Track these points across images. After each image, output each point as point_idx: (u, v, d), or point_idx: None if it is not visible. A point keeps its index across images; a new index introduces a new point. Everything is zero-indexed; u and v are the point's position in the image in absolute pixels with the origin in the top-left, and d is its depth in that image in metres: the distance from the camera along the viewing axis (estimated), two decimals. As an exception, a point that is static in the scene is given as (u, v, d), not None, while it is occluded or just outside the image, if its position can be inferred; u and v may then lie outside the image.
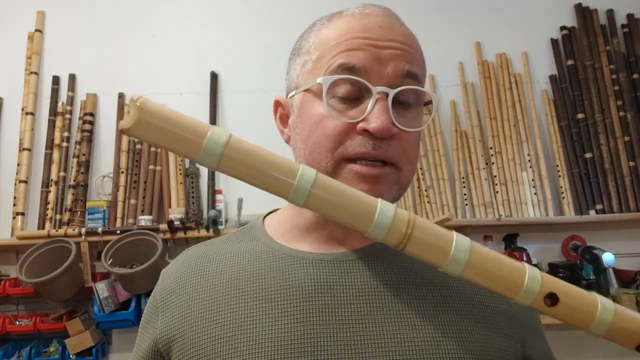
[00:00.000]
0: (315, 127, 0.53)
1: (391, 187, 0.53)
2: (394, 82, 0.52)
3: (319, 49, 0.55)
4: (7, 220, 1.95)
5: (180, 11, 2.18)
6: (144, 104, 0.40)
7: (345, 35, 0.53)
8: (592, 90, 2.14)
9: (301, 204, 0.41)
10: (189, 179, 2.02)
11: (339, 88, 0.52)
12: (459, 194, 2.06)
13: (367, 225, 0.41)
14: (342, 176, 0.52)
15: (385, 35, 0.53)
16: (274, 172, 0.41)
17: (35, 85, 2.07)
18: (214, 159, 0.40)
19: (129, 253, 1.82)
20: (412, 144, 0.54)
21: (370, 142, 0.51)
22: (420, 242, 0.41)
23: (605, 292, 1.82)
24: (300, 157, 0.56)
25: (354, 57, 0.52)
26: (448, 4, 2.23)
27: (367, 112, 0.51)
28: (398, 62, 0.52)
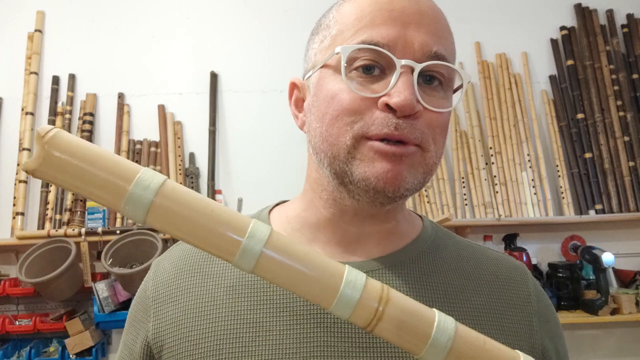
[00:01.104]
0: (331, 101, 0.48)
1: (415, 169, 0.48)
2: (420, 59, 0.47)
3: (339, 22, 0.50)
4: (7, 220, 1.95)
5: (180, 11, 2.18)
6: (53, 139, 0.31)
7: (368, 7, 0.48)
8: (592, 90, 2.14)
9: (249, 270, 0.33)
10: (189, 179, 2.02)
11: (360, 61, 0.47)
12: (459, 194, 2.06)
13: (330, 299, 0.33)
14: (361, 152, 0.47)
15: (412, 8, 0.48)
16: (219, 228, 0.32)
17: (35, 85, 2.07)
18: (141, 210, 0.32)
19: (129, 253, 1.82)
20: (439, 125, 0.48)
21: (393, 121, 0.46)
22: (394, 323, 0.33)
23: (605, 292, 1.82)
24: (317, 137, 0.50)
25: (377, 33, 0.47)
26: (448, 4, 2.23)
27: (390, 87, 0.46)
28: (426, 39, 0.47)
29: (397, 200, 0.49)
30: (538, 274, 1.98)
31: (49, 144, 0.31)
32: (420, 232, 0.57)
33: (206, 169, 2.05)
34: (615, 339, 2.01)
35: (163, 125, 2.07)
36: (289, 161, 2.02)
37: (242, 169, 2.08)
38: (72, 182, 0.32)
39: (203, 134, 2.08)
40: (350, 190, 0.49)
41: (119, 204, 0.32)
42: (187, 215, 0.32)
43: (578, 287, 1.91)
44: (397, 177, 0.46)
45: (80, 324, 1.80)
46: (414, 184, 0.48)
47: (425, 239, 0.57)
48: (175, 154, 2.05)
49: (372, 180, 0.46)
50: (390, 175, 0.46)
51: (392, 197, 0.47)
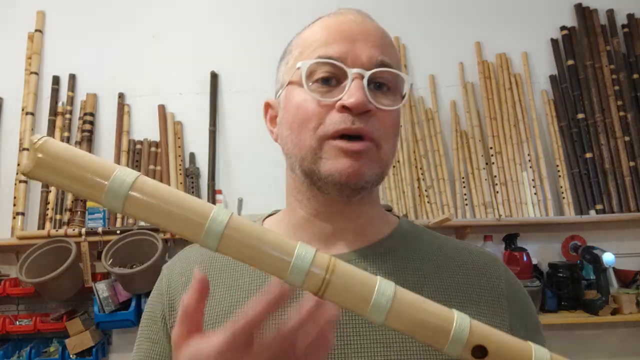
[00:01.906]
0: (297, 110, 0.56)
1: (372, 163, 0.55)
2: (369, 67, 0.55)
3: (300, 45, 0.59)
4: (7, 220, 1.95)
5: (180, 11, 2.18)
6: (43, 146, 0.38)
7: (322, 31, 0.58)
8: (592, 90, 2.14)
9: (214, 248, 0.38)
10: (189, 179, 2.02)
11: (318, 73, 0.55)
12: (459, 194, 2.06)
13: (284, 270, 0.38)
14: (325, 151, 0.54)
15: (358, 28, 0.57)
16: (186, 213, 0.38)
17: (35, 85, 2.07)
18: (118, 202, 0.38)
19: (129, 253, 1.82)
20: (390, 122, 0.56)
21: (349, 118, 0.53)
22: (340, 289, 0.38)
23: (605, 292, 1.82)
24: (288, 144, 0.58)
25: (331, 49, 0.55)
26: (448, 4, 2.23)
27: (344, 91, 0.53)
28: (372, 51, 0.55)
29: (360, 191, 0.56)
30: (538, 274, 1.98)
31: (39, 150, 0.38)
32: (396, 228, 0.64)
33: (206, 169, 2.05)
34: (616, 339, 2.01)
35: (163, 125, 2.07)
36: (289, 161, 2.01)
37: (242, 169, 2.08)
38: (61, 181, 0.38)
39: (203, 134, 2.08)
40: (320, 186, 0.56)
41: (100, 198, 0.38)
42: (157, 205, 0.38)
43: (578, 287, 1.91)
44: (357, 171, 0.53)
45: (80, 324, 1.80)
46: (372, 177, 0.55)
47: (400, 233, 0.63)
48: (176, 154, 2.05)
49: (337, 175, 0.54)
50: (351, 170, 0.53)
51: (355, 188, 0.55)
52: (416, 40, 2.19)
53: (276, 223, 0.64)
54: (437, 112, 2.15)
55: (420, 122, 2.13)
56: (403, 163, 2.07)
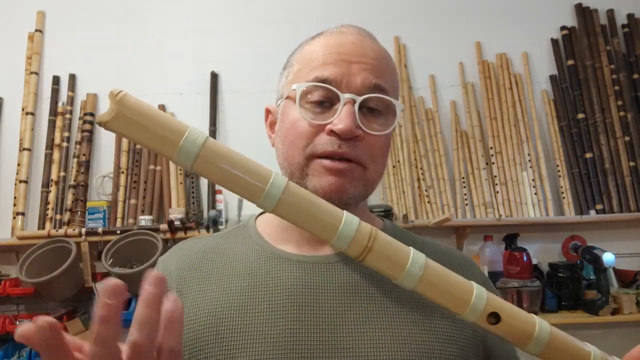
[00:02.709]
0: (290, 128, 0.59)
1: (356, 182, 0.58)
2: (362, 91, 0.57)
3: (300, 61, 0.62)
4: (7, 220, 1.95)
5: (180, 11, 2.18)
6: (123, 98, 0.39)
7: (322, 50, 0.60)
8: (592, 90, 2.14)
9: (270, 209, 0.42)
10: (189, 179, 2.02)
11: (312, 95, 0.58)
12: (459, 194, 2.06)
13: (332, 235, 0.41)
14: (312, 169, 0.57)
15: (356, 51, 0.59)
16: (247, 176, 0.41)
17: (35, 85, 2.07)
18: (189, 159, 0.40)
19: (129, 253, 1.82)
20: (378, 146, 0.59)
21: (337, 142, 0.56)
22: (380, 256, 0.43)
23: (606, 292, 1.82)
24: (280, 156, 0.62)
25: (327, 70, 0.58)
26: (448, 4, 2.23)
27: (335, 116, 0.56)
28: (366, 75, 0.58)
29: (344, 207, 0.57)
30: (539, 274, 1.98)
31: (120, 102, 0.39)
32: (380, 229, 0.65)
33: (206, 169, 2.05)
34: (616, 339, 2.01)
35: (163, 125, 2.07)
36: (289, 161, 2.01)
37: (243, 169, 2.08)
38: (137, 134, 0.40)
39: (203, 134, 2.07)
40: None
41: (172, 155, 0.40)
42: (223, 166, 0.41)
43: (579, 287, 1.91)
44: (339, 188, 0.56)
45: (80, 324, 1.80)
46: (355, 194, 0.58)
47: None
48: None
49: (321, 191, 0.56)
50: (334, 187, 0.56)
51: (339, 204, 0.55)
52: (416, 40, 2.19)
53: (266, 223, 0.66)
54: (437, 112, 2.15)
55: (420, 122, 2.13)
56: (403, 163, 2.07)
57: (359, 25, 0.64)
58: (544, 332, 0.45)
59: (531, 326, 0.44)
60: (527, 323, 0.45)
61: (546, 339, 0.44)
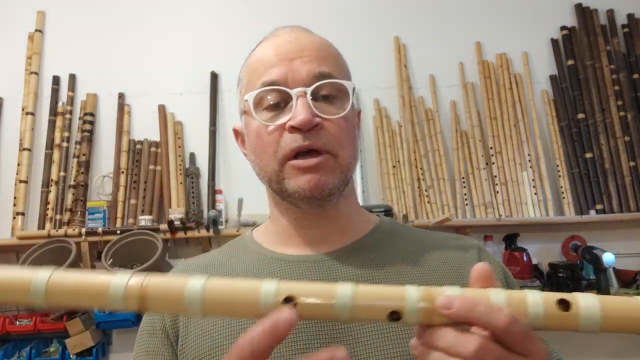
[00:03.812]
0: (256, 138, 0.60)
1: (333, 172, 0.58)
2: (310, 82, 0.58)
3: (246, 75, 0.63)
4: (7, 220, 1.95)
5: (180, 11, 2.18)
6: None
7: (262, 57, 0.61)
8: (592, 90, 2.14)
9: (42, 302, 0.40)
10: (189, 179, 2.02)
11: (266, 100, 0.59)
12: (459, 194, 2.06)
13: (105, 300, 0.39)
14: (286, 172, 0.58)
15: (293, 47, 0.60)
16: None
17: (35, 85, 2.07)
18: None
19: (129, 253, 1.82)
20: (341, 129, 0.59)
21: (300, 136, 0.56)
22: (158, 298, 0.40)
23: (606, 292, 1.82)
24: (256, 167, 0.63)
25: (271, 73, 0.59)
26: (448, 4, 2.23)
27: (292, 112, 0.57)
28: (309, 66, 0.58)
29: (329, 199, 0.59)
30: (538, 274, 1.98)
31: None
32: (377, 225, 0.68)
33: (206, 169, 2.05)
34: (616, 339, 2.01)
35: (163, 125, 2.07)
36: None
37: (242, 169, 2.08)
38: None
39: (203, 134, 2.08)
40: (291, 202, 0.60)
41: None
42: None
43: (578, 287, 1.91)
44: (317, 183, 0.57)
45: (80, 324, 1.80)
46: (335, 184, 0.58)
47: (382, 229, 0.67)
48: (176, 154, 2.05)
49: (301, 191, 0.57)
50: (312, 183, 0.57)
51: (322, 198, 0.58)
52: (416, 40, 2.19)
53: (264, 232, 0.69)
54: (437, 112, 2.15)
55: (420, 122, 2.13)
56: (403, 163, 2.07)
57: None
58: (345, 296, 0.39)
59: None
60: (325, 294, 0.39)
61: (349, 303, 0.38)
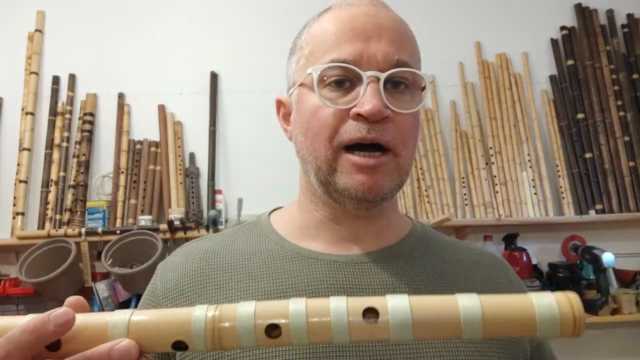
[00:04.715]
0: (311, 117, 0.53)
1: (391, 175, 0.52)
2: (384, 68, 0.51)
3: (310, 43, 0.56)
4: (7, 220, 1.94)
5: (180, 11, 2.18)
6: None
7: (334, 27, 0.53)
8: (592, 90, 2.14)
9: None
10: (189, 179, 2.02)
11: (330, 77, 0.52)
12: (459, 194, 2.06)
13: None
14: (340, 165, 0.52)
15: (372, 23, 0.52)
16: None
17: (35, 85, 2.07)
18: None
19: (129, 253, 1.82)
20: (409, 127, 0.53)
21: (365, 126, 0.50)
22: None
23: (605, 292, 1.82)
24: (302, 149, 0.56)
25: (343, 50, 0.52)
26: (448, 4, 2.23)
27: (359, 97, 0.50)
28: (387, 48, 0.52)
29: (380, 203, 0.54)
30: (538, 274, 1.98)
31: None
32: (411, 229, 0.63)
33: (206, 169, 2.05)
34: (616, 339, 2.01)
35: (163, 125, 2.07)
36: (288, 161, 2.01)
37: (242, 169, 2.08)
38: None
39: (203, 134, 2.08)
40: (336, 198, 0.54)
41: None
42: None
43: (578, 287, 1.90)
44: (373, 186, 0.51)
45: (80, 324, 1.79)
46: (391, 188, 0.53)
47: (416, 234, 0.62)
48: (176, 154, 2.05)
49: (352, 191, 0.51)
50: (367, 186, 0.51)
51: (374, 202, 0.53)
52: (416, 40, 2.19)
53: (287, 221, 0.61)
54: (437, 112, 2.15)
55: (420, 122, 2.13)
56: (403, 163, 2.06)
57: None
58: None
59: None
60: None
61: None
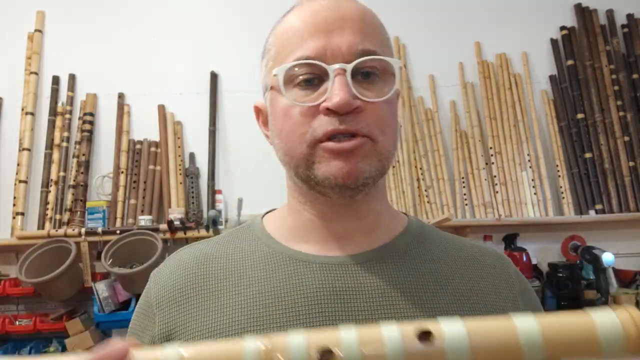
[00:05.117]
0: (283, 119, 0.53)
1: (369, 158, 0.51)
2: (350, 59, 0.50)
3: (275, 45, 0.56)
4: (7, 220, 1.94)
5: (180, 11, 2.18)
6: None
7: (296, 25, 0.53)
8: (592, 90, 2.14)
9: None
10: (189, 179, 2.02)
11: (298, 76, 0.52)
12: (459, 194, 2.06)
13: None
14: (317, 156, 0.51)
15: (333, 15, 0.52)
16: None
17: (35, 85, 2.07)
18: None
19: (129, 253, 1.82)
20: (383, 114, 0.52)
21: (336, 119, 0.49)
22: None
23: (605, 292, 1.82)
24: (280, 151, 0.55)
25: (307, 47, 0.51)
26: (448, 4, 2.23)
27: (328, 92, 0.50)
28: (351, 39, 0.51)
29: (362, 188, 0.52)
30: (538, 274, 1.98)
31: None
32: (406, 226, 0.61)
33: (206, 169, 2.05)
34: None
35: (163, 125, 2.07)
36: (289, 161, 2.01)
37: (242, 169, 2.08)
38: None
39: (203, 134, 2.08)
40: (319, 190, 0.53)
41: None
42: None
43: (578, 287, 1.91)
44: (352, 170, 0.50)
45: (80, 324, 1.80)
46: (371, 172, 0.51)
47: (411, 232, 0.60)
48: (175, 154, 2.05)
49: (332, 178, 0.50)
50: (345, 170, 0.50)
51: (355, 187, 0.51)
52: (416, 40, 2.19)
53: (279, 223, 0.60)
54: (437, 112, 2.15)
55: (420, 122, 2.13)
56: (403, 163, 2.07)
57: None
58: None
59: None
60: None
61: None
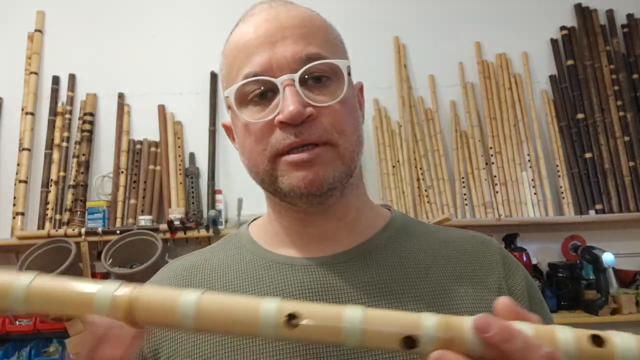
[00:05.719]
0: (244, 136, 0.54)
1: (332, 163, 0.51)
2: (297, 67, 0.50)
3: (225, 65, 0.56)
4: (7, 220, 1.95)
5: (180, 11, 2.18)
6: None
7: (240, 43, 0.54)
8: (592, 90, 2.14)
9: (22, 309, 0.39)
10: (189, 179, 2.02)
11: (249, 93, 0.52)
12: (459, 194, 2.06)
13: (90, 309, 0.38)
14: (279, 169, 0.51)
15: (273, 27, 0.52)
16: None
17: (35, 85, 2.07)
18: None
19: (129, 253, 1.82)
20: (340, 115, 0.52)
21: (292, 131, 0.49)
22: (148, 309, 0.37)
23: (605, 292, 1.82)
24: (246, 168, 0.57)
25: (252, 64, 0.51)
26: (448, 4, 2.23)
27: (279, 104, 0.50)
28: (294, 47, 0.51)
29: (330, 195, 0.52)
30: (538, 274, 1.98)
31: None
32: (389, 221, 0.61)
33: (206, 169, 2.05)
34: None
35: (163, 125, 2.07)
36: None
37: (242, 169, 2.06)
38: None
39: (203, 134, 2.08)
40: (288, 201, 0.53)
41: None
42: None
43: (578, 287, 1.91)
44: (314, 179, 0.50)
45: (80, 324, 1.80)
46: (335, 177, 0.51)
47: (393, 226, 0.60)
48: (175, 154, 2.05)
49: (297, 189, 0.50)
50: (308, 180, 0.50)
51: (322, 194, 0.51)
52: (416, 40, 2.19)
53: (262, 229, 0.61)
54: (436, 112, 2.15)
55: (420, 122, 2.14)
56: (403, 163, 2.07)
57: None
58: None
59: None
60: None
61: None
